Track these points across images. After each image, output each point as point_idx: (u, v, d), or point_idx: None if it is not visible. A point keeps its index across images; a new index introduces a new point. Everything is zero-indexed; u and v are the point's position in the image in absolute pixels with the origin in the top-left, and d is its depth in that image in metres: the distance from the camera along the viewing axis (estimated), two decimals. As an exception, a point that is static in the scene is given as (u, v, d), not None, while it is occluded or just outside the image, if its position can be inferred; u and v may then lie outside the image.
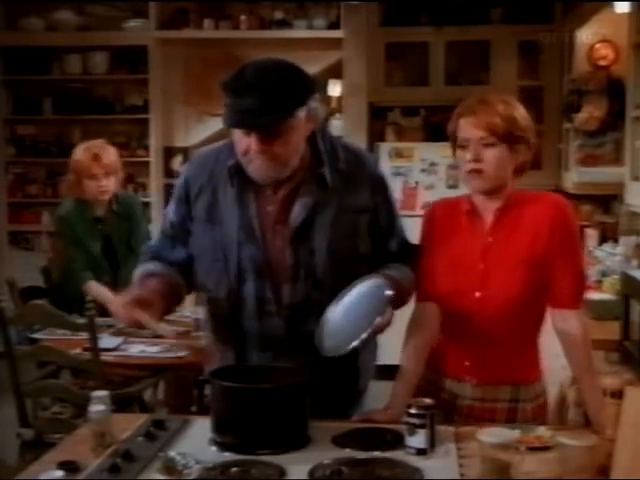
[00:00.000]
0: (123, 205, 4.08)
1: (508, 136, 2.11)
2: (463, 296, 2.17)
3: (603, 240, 5.00)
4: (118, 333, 3.69)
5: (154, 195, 6.42)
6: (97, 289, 3.88)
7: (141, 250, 2.46)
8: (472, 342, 2.18)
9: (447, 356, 2.24)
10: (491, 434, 1.82)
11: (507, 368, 2.19)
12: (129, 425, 2.05)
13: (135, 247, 4.05)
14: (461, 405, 2.21)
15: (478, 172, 2.14)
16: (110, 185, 3.96)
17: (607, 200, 5.58)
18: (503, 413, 2.18)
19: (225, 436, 1.93)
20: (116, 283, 3.94)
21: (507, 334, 2.17)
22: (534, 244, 2.15)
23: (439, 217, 2.29)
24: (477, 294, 2.16)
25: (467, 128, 2.14)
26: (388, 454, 1.87)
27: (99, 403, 1.94)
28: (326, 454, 1.86)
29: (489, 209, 2.20)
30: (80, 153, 3.97)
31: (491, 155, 2.12)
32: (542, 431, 1.89)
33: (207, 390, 2.28)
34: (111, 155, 3.99)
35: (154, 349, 3.48)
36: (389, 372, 6.58)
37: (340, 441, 1.95)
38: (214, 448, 1.92)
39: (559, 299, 2.18)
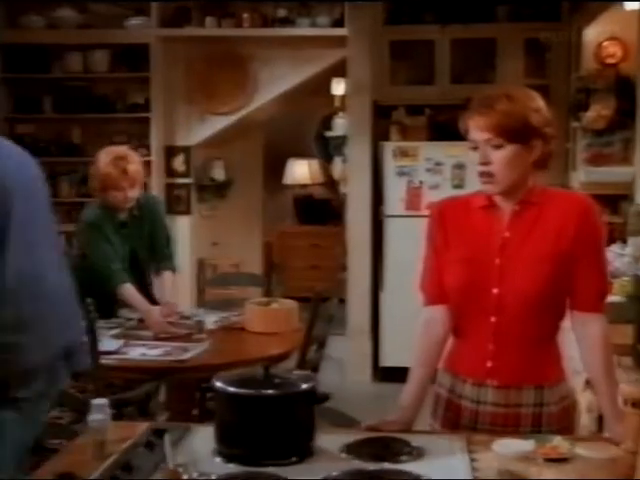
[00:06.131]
0: (145, 209, 4.01)
1: (516, 134, 2.03)
2: (480, 293, 2.10)
3: (611, 241, 4.93)
4: (118, 336, 3.64)
5: (155, 195, 6.34)
6: (133, 294, 3.81)
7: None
8: (492, 341, 2.10)
9: (467, 359, 2.16)
10: (506, 445, 1.75)
11: (529, 367, 2.10)
12: (129, 434, 1.99)
13: (157, 249, 4.05)
14: (484, 412, 2.12)
15: (489, 175, 2.07)
16: (135, 194, 3.89)
17: (614, 200, 5.50)
18: (528, 418, 2.09)
19: (229, 446, 1.86)
20: (139, 286, 3.90)
21: (528, 331, 2.09)
22: (557, 241, 2.08)
23: (449, 215, 2.20)
24: (494, 290, 2.08)
25: (473, 130, 2.08)
26: (398, 466, 1.81)
27: (98, 412, 1.87)
28: (334, 465, 1.79)
29: (506, 204, 2.13)
30: (106, 164, 3.82)
31: (500, 157, 2.05)
32: (558, 441, 1.82)
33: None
34: (137, 165, 3.89)
35: (155, 352, 3.43)
36: (391, 374, 6.53)
37: (349, 451, 1.88)
38: (218, 459, 1.85)
39: (581, 302, 2.11)
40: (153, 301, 3.97)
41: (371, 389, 5.84)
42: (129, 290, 3.81)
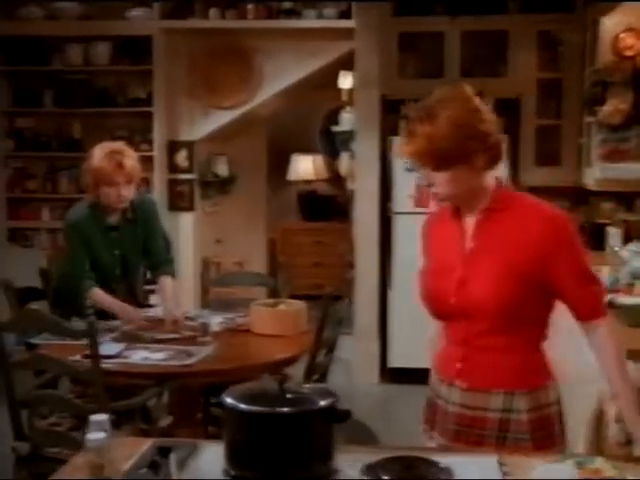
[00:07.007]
0: (138, 211, 3.82)
1: (445, 159, 1.98)
2: (439, 302, 2.11)
3: (627, 239, 4.80)
4: (120, 339, 3.49)
5: (158, 191, 6.22)
6: (102, 296, 3.69)
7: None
8: (462, 344, 2.10)
9: (443, 359, 2.19)
10: (546, 470, 1.60)
11: (499, 373, 2.07)
12: (132, 451, 1.85)
13: (154, 254, 3.90)
14: (452, 412, 2.10)
15: (436, 194, 2.07)
16: (130, 193, 3.69)
17: (630, 197, 5.39)
18: (495, 423, 2.05)
19: (240, 468, 1.72)
20: (129, 290, 3.79)
21: (498, 340, 2.06)
22: (520, 252, 2.01)
23: (430, 228, 2.25)
24: (452, 300, 2.07)
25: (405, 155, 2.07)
26: (425, 489, 1.66)
27: (97, 429, 1.72)
28: (355, 489, 1.65)
29: (471, 213, 2.10)
30: (101, 159, 3.62)
31: (441, 179, 2.03)
32: (601, 463, 1.68)
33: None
34: (133, 161, 3.68)
35: (158, 356, 3.28)
36: (400, 375, 6.37)
37: (370, 473, 1.74)
38: (228, 481, 1.71)
39: (579, 313, 2.07)
40: (142, 307, 3.86)
41: (379, 391, 5.72)
42: (96, 293, 3.67)
